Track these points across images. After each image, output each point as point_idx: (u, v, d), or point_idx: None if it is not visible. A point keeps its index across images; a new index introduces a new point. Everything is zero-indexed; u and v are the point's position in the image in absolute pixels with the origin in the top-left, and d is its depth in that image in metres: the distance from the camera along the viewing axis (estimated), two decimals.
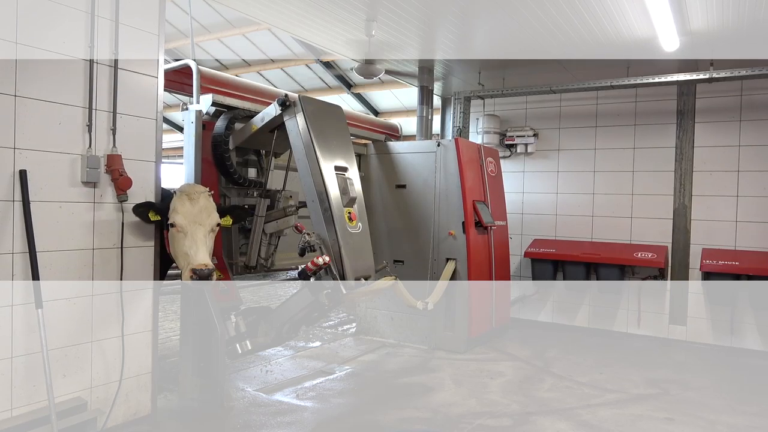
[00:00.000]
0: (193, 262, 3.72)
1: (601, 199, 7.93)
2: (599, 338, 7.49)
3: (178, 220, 3.83)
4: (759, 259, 6.73)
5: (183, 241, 3.82)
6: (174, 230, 3.86)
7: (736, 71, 6.47)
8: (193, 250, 3.77)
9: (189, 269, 3.72)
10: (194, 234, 3.82)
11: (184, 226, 3.83)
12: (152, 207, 3.95)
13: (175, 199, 3.92)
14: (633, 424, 4.49)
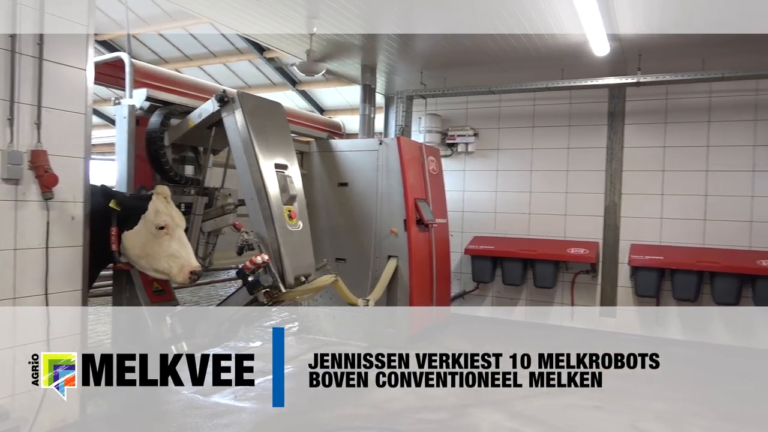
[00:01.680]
0: (191, 264, 3.84)
1: (537, 197, 8.20)
2: (535, 331, 7.76)
3: (168, 221, 3.87)
4: (682, 254, 7.14)
5: (169, 243, 3.86)
6: (158, 232, 3.86)
7: (661, 76, 6.83)
8: (185, 252, 3.88)
9: (187, 271, 3.81)
10: (181, 236, 3.92)
11: (173, 227, 3.87)
12: (115, 196, 3.91)
13: (157, 201, 3.92)
14: (563, 412, 4.69)
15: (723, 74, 6.57)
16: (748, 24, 5.46)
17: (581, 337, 7.44)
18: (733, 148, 7.16)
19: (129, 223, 3.93)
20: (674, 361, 6.46)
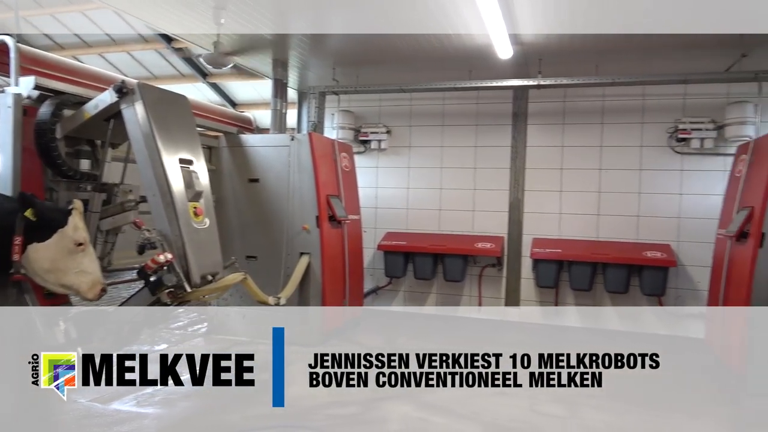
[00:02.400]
0: (101, 280, 3.75)
1: (447, 194, 8.46)
2: (445, 323, 8.00)
3: (87, 237, 3.75)
4: (578, 247, 7.64)
5: (82, 259, 3.70)
6: (76, 248, 3.69)
7: (559, 79, 7.25)
8: (94, 267, 3.76)
9: (98, 288, 3.70)
10: (91, 251, 3.80)
11: (88, 243, 3.76)
12: (35, 206, 3.67)
13: (77, 217, 3.76)
14: (469, 400, 4.88)
15: (614, 79, 7.08)
16: (635, 25, 5.86)
17: (487, 328, 7.76)
18: (623, 149, 7.75)
19: (39, 235, 3.67)
20: (570, 346, 6.91)
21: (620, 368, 4.22)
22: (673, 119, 7.48)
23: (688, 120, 7.36)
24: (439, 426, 4.44)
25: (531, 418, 4.58)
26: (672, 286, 7.43)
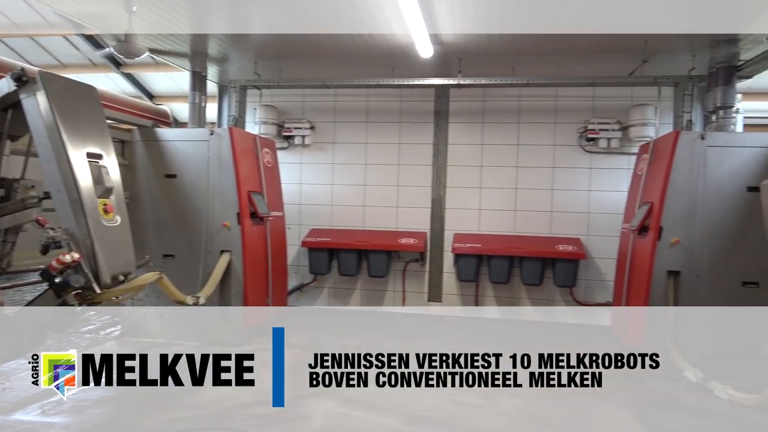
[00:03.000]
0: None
1: (371, 190, 8.52)
2: (370, 319, 8.07)
3: None
4: (497, 241, 7.93)
5: None
6: None
7: (478, 79, 7.47)
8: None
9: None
10: None
11: None
12: None
13: None
14: (390, 394, 4.92)
15: (528, 80, 7.39)
16: (549, 26, 6.13)
17: (411, 322, 7.90)
18: (538, 147, 8.11)
19: None
20: (489, 336, 7.17)
21: (620, 368, 4.31)
22: (583, 120, 7.92)
23: (596, 121, 7.81)
24: (361, 420, 4.47)
25: (451, 408, 4.71)
26: (582, 277, 7.87)
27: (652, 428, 4.44)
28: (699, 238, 5.67)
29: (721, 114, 6.18)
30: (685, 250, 5.68)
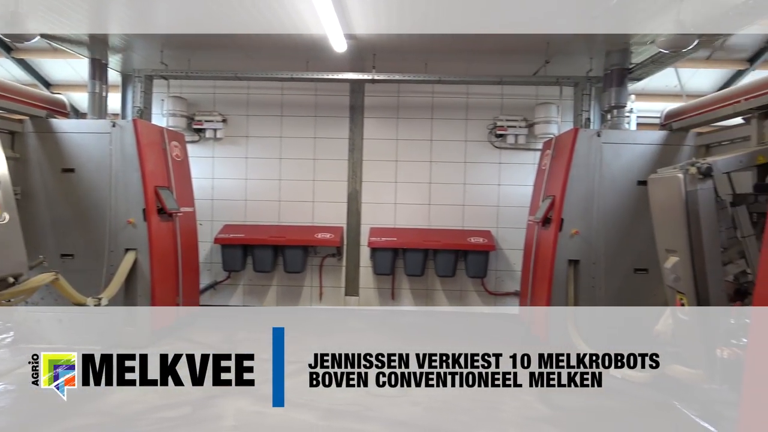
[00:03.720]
0: None
1: (287, 185, 8.41)
2: (286, 315, 7.99)
3: None
4: (412, 235, 8.08)
5: None
6: None
7: (392, 75, 7.55)
8: None
9: None
10: None
11: None
12: None
13: None
14: (307, 388, 4.92)
15: (440, 78, 7.56)
16: (460, 26, 6.32)
17: (328, 317, 7.89)
18: (450, 143, 8.34)
19: None
20: (405, 327, 7.31)
21: (620, 368, 4.25)
22: (492, 117, 8.23)
23: (504, 118, 8.14)
24: (275, 417, 4.43)
25: (365, 400, 4.75)
26: (493, 268, 8.20)
27: (552, 407, 4.71)
28: (596, 229, 6.07)
29: (615, 113, 6.64)
30: (583, 240, 6.06)
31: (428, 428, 4.34)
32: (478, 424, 4.41)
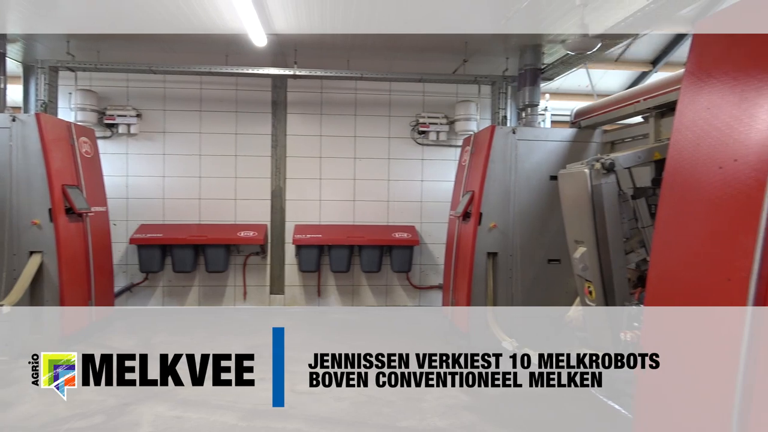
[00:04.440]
0: None
1: (207, 182, 8.17)
2: (209, 316, 7.77)
3: None
4: (337, 231, 8.08)
5: None
6: None
7: (314, 71, 7.50)
8: None
9: None
10: None
11: None
12: None
13: None
14: (228, 390, 4.82)
15: (362, 74, 7.59)
16: (378, 26, 6.38)
17: (252, 316, 7.76)
18: (374, 139, 8.41)
19: None
20: (331, 325, 7.31)
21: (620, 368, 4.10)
22: (415, 114, 8.36)
23: (426, 115, 8.30)
24: (194, 421, 4.31)
25: (288, 397, 4.72)
26: (417, 262, 8.35)
27: (471, 394, 4.87)
28: (512, 223, 6.32)
29: (529, 111, 6.93)
30: (501, 233, 6.29)
31: (351, 423, 4.37)
32: (400, 415, 4.50)
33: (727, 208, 2.32)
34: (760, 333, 2.10)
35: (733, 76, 2.42)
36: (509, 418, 4.50)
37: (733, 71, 2.43)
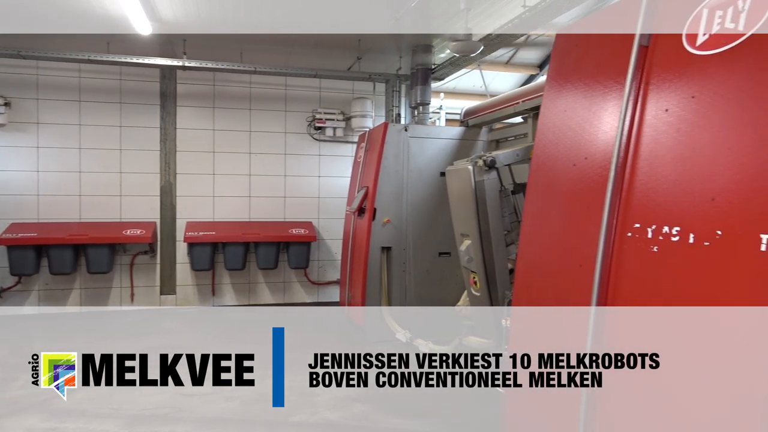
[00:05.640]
0: None
1: (89, 178, 7.66)
2: (93, 320, 7.30)
3: None
4: (231, 228, 7.89)
5: None
6: None
7: (205, 62, 7.26)
8: None
9: None
10: None
11: None
12: None
13: None
14: (112, 396, 4.60)
15: (256, 68, 7.46)
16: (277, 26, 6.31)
17: (139, 318, 7.39)
18: (270, 134, 8.29)
19: None
20: (226, 325, 7.14)
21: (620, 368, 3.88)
22: (311, 110, 8.35)
23: (323, 111, 8.32)
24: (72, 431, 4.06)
25: (176, 401, 4.57)
26: (315, 258, 8.36)
27: (365, 387, 4.97)
28: (405, 218, 6.51)
29: (421, 109, 7.16)
30: (394, 228, 6.46)
31: (241, 421, 4.31)
32: (293, 410, 4.50)
33: (579, 202, 2.56)
34: (604, 317, 2.36)
35: (585, 82, 2.67)
36: (402, 408, 4.65)
37: (585, 78, 2.68)
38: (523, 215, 3.09)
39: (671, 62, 2.18)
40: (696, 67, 2.07)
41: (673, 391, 2.03)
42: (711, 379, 1.87)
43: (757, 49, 1.86)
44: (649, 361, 3.40)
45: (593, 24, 2.81)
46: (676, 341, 2.03)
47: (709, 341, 1.89)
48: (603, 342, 2.35)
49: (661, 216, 2.09)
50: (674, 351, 2.04)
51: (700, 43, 2.07)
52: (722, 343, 1.85)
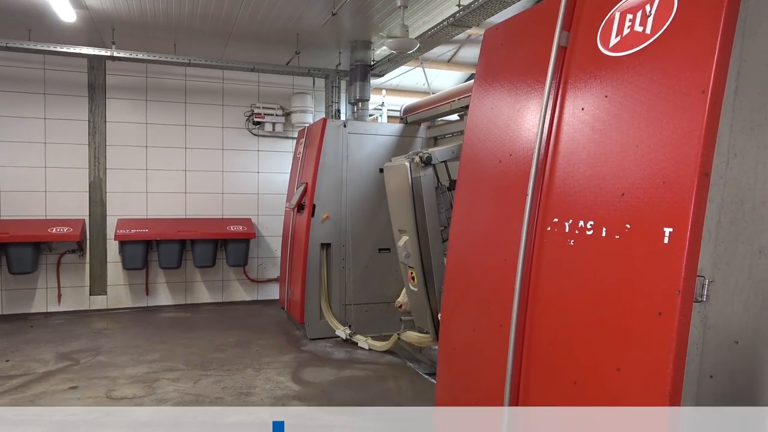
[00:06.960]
0: None
1: (10, 172, 7.23)
2: (15, 323, 6.91)
3: None
4: (166, 225, 7.65)
5: None
6: None
7: (135, 53, 6.97)
8: None
9: None
10: None
11: None
12: None
13: None
14: (34, 402, 4.38)
15: (190, 60, 7.24)
16: None
17: (66, 321, 7.06)
18: (207, 129, 8.08)
19: None
20: (159, 326, 6.92)
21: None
22: (250, 104, 8.19)
23: (262, 105, 8.18)
24: None
25: (106, 406, 4.41)
26: (254, 255, 8.23)
27: (301, 384, 4.95)
28: (344, 214, 6.50)
29: (360, 106, 7.16)
30: (334, 224, 6.44)
31: (174, 424, 4.20)
32: (229, 412, 4.42)
33: (504, 198, 2.63)
34: (527, 305, 2.44)
35: (511, 80, 2.75)
36: (337, 402, 4.65)
37: (510, 76, 2.76)
38: (453, 212, 3.15)
39: (587, 63, 2.28)
40: (609, 68, 2.17)
41: None
42: None
43: (661, 51, 1.97)
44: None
45: (518, 23, 2.88)
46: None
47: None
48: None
49: (577, 211, 2.18)
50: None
51: (613, 44, 2.17)
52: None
